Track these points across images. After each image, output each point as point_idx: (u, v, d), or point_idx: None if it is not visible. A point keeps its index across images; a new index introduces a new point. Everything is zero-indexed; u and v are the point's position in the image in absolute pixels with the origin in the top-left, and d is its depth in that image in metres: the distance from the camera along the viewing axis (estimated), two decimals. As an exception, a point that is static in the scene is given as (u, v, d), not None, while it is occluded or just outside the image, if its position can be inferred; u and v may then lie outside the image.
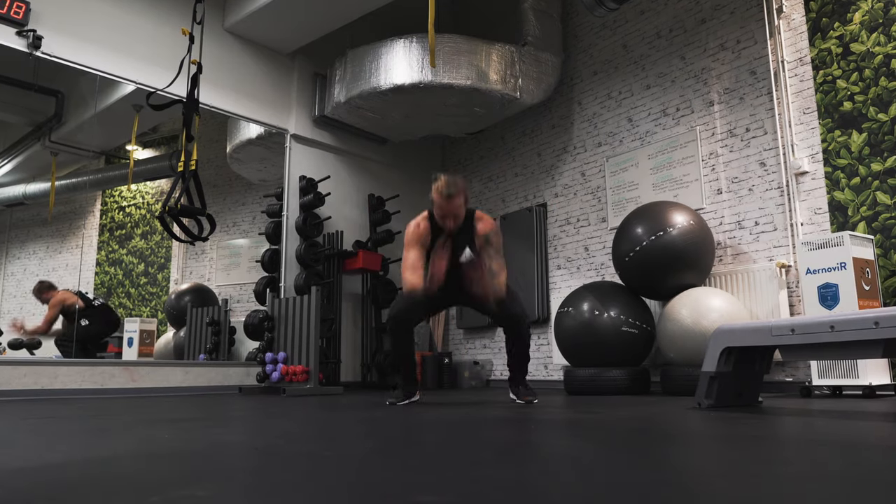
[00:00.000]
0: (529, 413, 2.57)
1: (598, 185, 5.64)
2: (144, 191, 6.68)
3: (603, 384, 4.24)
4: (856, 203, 4.00)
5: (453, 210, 2.96)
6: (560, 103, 6.09)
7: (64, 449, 1.52)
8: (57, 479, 1.07)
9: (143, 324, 6.02)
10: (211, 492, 0.95)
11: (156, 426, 2.06)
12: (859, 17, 4.12)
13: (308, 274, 5.50)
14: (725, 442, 1.58)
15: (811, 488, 0.96)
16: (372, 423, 2.17)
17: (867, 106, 4.02)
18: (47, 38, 4.40)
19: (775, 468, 1.12)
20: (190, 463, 1.26)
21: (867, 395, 3.42)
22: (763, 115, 4.54)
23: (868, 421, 2.05)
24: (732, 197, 4.67)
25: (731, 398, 2.65)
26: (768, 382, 4.13)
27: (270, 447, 1.50)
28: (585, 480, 1.05)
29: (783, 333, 2.33)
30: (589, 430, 1.90)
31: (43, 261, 6.52)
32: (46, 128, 5.83)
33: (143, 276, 6.44)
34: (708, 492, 0.94)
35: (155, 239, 6.50)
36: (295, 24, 5.46)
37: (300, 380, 4.48)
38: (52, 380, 4.13)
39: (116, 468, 1.20)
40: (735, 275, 4.44)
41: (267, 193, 6.09)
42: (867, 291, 3.52)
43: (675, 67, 5.17)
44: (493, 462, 1.24)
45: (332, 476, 1.10)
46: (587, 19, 5.95)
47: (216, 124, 6.33)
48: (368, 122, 5.97)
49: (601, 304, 4.36)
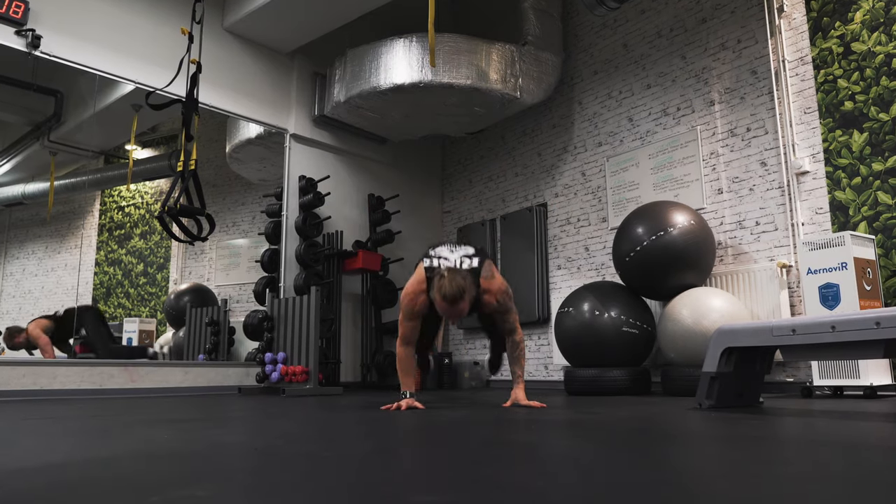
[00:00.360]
0: (529, 414, 2.57)
1: (598, 184, 5.64)
2: (144, 191, 6.68)
3: (603, 384, 4.24)
4: (857, 203, 4.00)
5: (457, 314, 2.73)
6: (560, 103, 6.09)
7: (63, 449, 1.52)
8: (56, 480, 1.07)
9: (143, 324, 6.02)
10: (211, 492, 0.95)
11: (155, 426, 2.06)
12: (860, 17, 4.13)
13: (308, 274, 5.50)
14: (726, 442, 1.58)
15: (812, 489, 0.96)
16: (371, 424, 2.17)
17: (868, 105, 4.02)
18: (46, 37, 4.40)
19: (776, 469, 1.12)
20: (189, 463, 1.26)
21: (868, 395, 3.42)
22: (764, 114, 4.54)
23: (869, 421, 2.05)
24: (733, 197, 4.67)
25: (731, 398, 2.65)
26: (769, 383, 4.13)
27: (270, 447, 1.50)
28: (585, 481, 1.05)
29: (784, 334, 2.33)
30: (589, 430, 1.91)
31: (42, 261, 6.52)
32: (45, 127, 5.84)
33: (143, 277, 6.44)
34: (709, 492, 0.95)
35: (154, 239, 6.50)
36: (294, 24, 5.47)
37: (300, 380, 4.48)
38: (51, 380, 4.13)
39: (116, 468, 1.20)
40: (736, 275, 4.44)
41: (266, 193, 6.09)
42: (868, 291, 3.52)
43: (675, 67, 5.17)
44: (492, 462, 1.24)
45: (332, 476, 1.10)
46: (587, 18, 5.95)
47: (215, 124, 6.33)
48: (368, 122, 5.97)
49: (602, 305, 4.36)
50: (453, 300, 2.64)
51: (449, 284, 2.64)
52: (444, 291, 2.63)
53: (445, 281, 2.66)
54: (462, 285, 2.66)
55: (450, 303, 2.65)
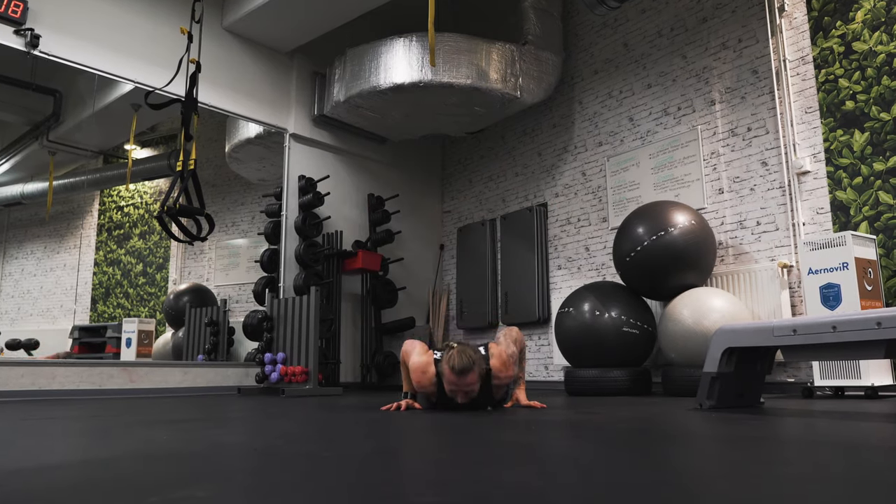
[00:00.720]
0: (530, 414, 2.57)
1: (598, 184, 5.65)
2: (143, 190, 6.68)
3: (604, 385, 4.24)
4: (858, 203, 4.01)
5: (466, 387, 2.65)
6: (561, 102, 6.09)
7: (62, 450, 1.52)
8: (55, 481, 1.08)
9: (142, 324, 6.02)
10: (210, 492, 0.95)
11: (154, 427, 2.06)
12: (861, 16, 4.13)
13: (307, 274, 5.50)
14: (727, 443, 1.58)
15: (813, 490, 0.97)
16: (372, 425, 2.17)
17: (869, 105, 4.02)
18: (45, 36, 4.41)
19: (777, 469, 1.13)
20: (189, 464, 1.26)
21: (869, 395, 3.42)
22: (765, 114, 4.54)
23: (870, 422, 2.05)
24: (734, 196, 4.67)
25: (732, 399, 2.65)
26: (770, 383, 4.13)
27: (269, 448, 1.50)
28: (586, 481, 1.05)
29: (785, 334, 2.33)
30: (589, 430, 1.91)
31: (41, 261, 6.52)
32: (44, 127, 5.84)
33: (142, 277, 6.44)
34: (709, 493, 0.95)
35: (153, 239, 6.51)
36: (294, 23, 5.47)
37: (299, 380, 4.48)
38: (50, 380, 4.13)
39: (115, 469, 1.20)
40: (736, 275, 4.44)
41: (266, 193, 6.10)
42: (869, 292, 3.52)
43: (676, 66, 5.17)
44: (493, 463, 1.24)
45: (332, 477, 1.10)
46: (588, 18, 5.95)
47: (215, 123, 6.33)
48: (368, 122, 5.97)
49: (602, 305, 4.36)
50: (461, 371, 2.60)
51: (458, 356, 2.62)
52: (454, 363, 2.61)
53: (454, 353, 2.65)
54: (472, 357, 2.64)
55: (458, 374, 2.60)
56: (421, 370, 2.79)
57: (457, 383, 2.63)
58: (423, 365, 2.80)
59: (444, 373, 2.66)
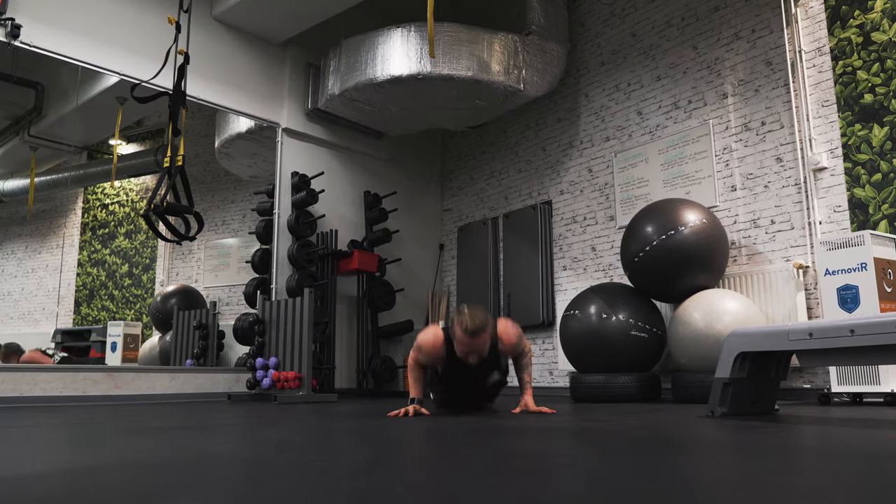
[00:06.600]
0: (534, 421, 2.57)
1: (605, 181, 5.65)
2: (128, 188, 6.68)
3: (611, 391, 4.24)
4: (877, 200, 4.01)
5: (478, 348, 2.86)
6: (566, 95, 6.09)
7: (44, 459, 1.52)
8: (38, 492, 1.08)
9: (127, 327, 6.02)
10: (199, 502, 0.95)
11: (141, 435, 2.06)
12: (880, 5, 4.13)
13: (301, 275, 5.51)
14: (740, 452, 1.58)
15: (829, 500, 0.97)
16: (368, 432, 2.17)
17: (889, 98, 4.03)
18: (26, 27, 4.41)
19: (792, 479, 1.13)
20: (176, 473, 1.27)
21: (889, 402, 3.42)
22: (779, 108, 4.55)
23: (890, 430, 2.05)
24: (747, 194, 4.67)
25: (745, 406, 2.66)
26: (785, 389, 4.13)
27: (261, 457, 1.50)
28: (592, 492, 1.05)
29: (800, 338, 2.33)
30: (596, 439, 1.91)
31: (21, 261, 6.53)
32: (25, 121, 5.84)
33: (127, 278, 6.45)
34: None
35: (139, 238, 6.51)
36: (287, 13, 5.47)
37: (292, 386, 4.48)
38: (32, 386, 4.13)
39: (100, 479, 1.20)
40: (750, 276, 4.44)
41: (257, 190, 6.10)
42: (889, 293, 3.52)
43: (686, 58, 5.17)
44: (496, 472, 1.24)
45: (326, 487, 1.10)
46: (594, 7, 5.95)
47: (204, 118, 6.34)
48: (364, 116, 5.97)
49: (609, 307, 4.36)
50: (475, 332, 2.79)
51: (470, 318, 2.81)
52: (466, 324, 2.80)
53: (466, 315, 2.83)
54: (484, 319, 2.83)
55: (471, 335, 2.80)
56: (431, 337, 3.04)
57: (470, 344, 2.83)
58: (432, 333, 3.06)
59: (456, 336, 2.86)
